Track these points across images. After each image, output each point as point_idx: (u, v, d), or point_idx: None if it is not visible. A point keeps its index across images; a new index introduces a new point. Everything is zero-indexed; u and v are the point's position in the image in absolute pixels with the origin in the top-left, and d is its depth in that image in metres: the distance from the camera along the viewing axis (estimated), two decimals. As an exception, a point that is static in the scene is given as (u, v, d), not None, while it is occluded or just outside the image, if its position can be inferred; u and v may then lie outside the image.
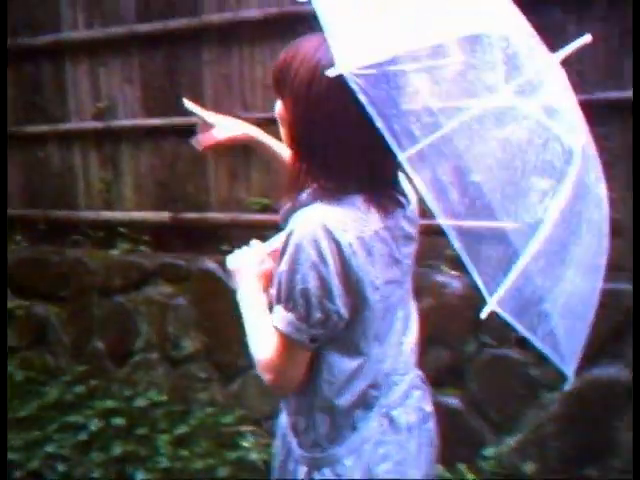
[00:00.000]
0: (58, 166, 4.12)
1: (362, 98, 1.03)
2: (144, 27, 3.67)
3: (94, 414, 3.41)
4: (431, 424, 1.46)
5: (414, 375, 1.44)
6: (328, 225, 1.19)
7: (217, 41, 3.51)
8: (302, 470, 1.38)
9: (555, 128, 1.22)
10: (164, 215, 3.75)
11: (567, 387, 1.33)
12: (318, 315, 1.22)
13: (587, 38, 1.28)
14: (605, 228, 1.33)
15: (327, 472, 1.34)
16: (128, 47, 3.75)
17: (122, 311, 3.80)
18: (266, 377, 1.30)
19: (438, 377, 2.69)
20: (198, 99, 2.02)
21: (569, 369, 1.29)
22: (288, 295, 1.23)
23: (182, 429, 3.28)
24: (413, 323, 1.42)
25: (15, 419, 3.38)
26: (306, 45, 1.23)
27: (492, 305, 1.11)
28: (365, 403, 1.33)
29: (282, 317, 1.25)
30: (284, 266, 1.23)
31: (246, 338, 1.35)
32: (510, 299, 1.13)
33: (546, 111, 1.22)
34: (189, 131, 1.75)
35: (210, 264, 3.53)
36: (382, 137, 1.05)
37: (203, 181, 3.68)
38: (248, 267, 1.41)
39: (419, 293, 1.54)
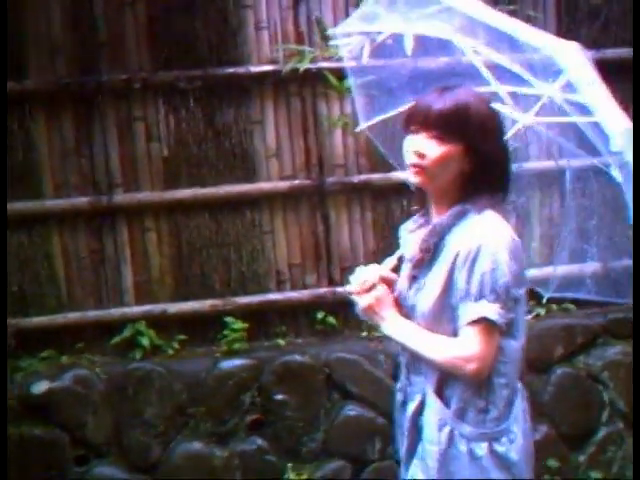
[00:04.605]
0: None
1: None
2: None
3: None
4: None
5: None
6: (509, 231, 1.57)
7: None
8: (480, 446, 1.60)
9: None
10: None
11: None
12: (511, 302, 1.56)
13: None
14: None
15: (504, 440, 1.62)
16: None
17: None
18: (470, 368, 1.55)
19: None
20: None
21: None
22: (492, 289, 1.53)
23: None
24: None
25: None
26: (471, 94, 1.64)
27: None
28: (520, 379, 1.68)
29: (488, 308, 1.53)
30: (485, 267, 1.53)
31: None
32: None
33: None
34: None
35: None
36: None
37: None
38: (379, 303, 1.66)
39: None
